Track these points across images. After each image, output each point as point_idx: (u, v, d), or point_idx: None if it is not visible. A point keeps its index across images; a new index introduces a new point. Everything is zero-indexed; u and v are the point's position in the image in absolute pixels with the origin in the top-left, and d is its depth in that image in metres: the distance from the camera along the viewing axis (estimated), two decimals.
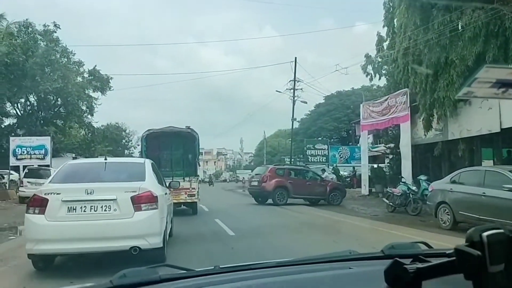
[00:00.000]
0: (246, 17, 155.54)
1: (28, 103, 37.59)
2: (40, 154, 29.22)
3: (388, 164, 23.13)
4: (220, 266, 1.52)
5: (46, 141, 29.61)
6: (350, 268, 1.48)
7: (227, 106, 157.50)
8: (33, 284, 5.91)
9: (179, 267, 1.53)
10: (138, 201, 6.06)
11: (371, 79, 22.32)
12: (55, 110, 38.86)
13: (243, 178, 60.14)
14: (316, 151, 31.31)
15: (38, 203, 5.94)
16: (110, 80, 40.18)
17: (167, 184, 8.81)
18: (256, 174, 20.88)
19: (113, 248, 5.94)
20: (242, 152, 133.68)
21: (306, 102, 30.84)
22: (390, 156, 22.83)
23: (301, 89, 29.42)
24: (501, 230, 0.81)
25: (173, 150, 14.44)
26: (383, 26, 20.44)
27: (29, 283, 5.92)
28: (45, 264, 6.28)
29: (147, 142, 14.12)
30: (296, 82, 29.25)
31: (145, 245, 5.95)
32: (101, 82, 39.73)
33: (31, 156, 28.80)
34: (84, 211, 5.95)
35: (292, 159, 47.56)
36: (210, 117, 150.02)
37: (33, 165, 25.89)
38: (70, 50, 37.52)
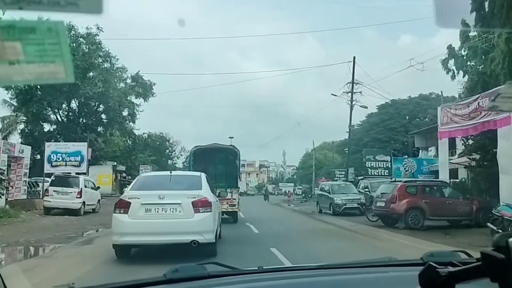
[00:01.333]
0: (286, 29, 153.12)
1: (69, 108, 35.91)
2: (76, 161, 27.09)
3: (474, 179, 18.83)
4: (264, 267, 1.64)
5: (82, 147, 27.44)
6: (387, 272, 1.59)
7: (270, 118, 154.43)
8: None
9: (226, 265, 1.64)
10: (197, 205, 7.49)
11: (453, 77, 18.30)
12: (96, 116, 36.98)
13: (288, 191, 56.44)
14: (377, 163, 27.24)
15: (123, 205, 7.46)
16: (153, 86, 38.04)
17: (217, 194, 10.09)
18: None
19: (178, 241, 7.35)
20: (285, 165, 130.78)
21: (366, 107, 27.12)
22: (477, 170, 18.52)
23: (360, 92, 25.70)
24: None
25: (217, 164, 15.34)
26: (471, 12, 16.46)
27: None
28: (124, 253, 7.65)
29: (194, 157, 15.80)
30: (354, 84, 25.46)
31: (202, 239, 7.33)
32: (144, 88, 37.61)
33: (66, 163, 26.70)
34: (157, 212, 7.46)
35: (342, 171, 44.15)
36: (252, 128, 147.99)
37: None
38: (113, 55, 35.68)
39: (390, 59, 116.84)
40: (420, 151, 38.43)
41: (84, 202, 18.71)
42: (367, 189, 22.10)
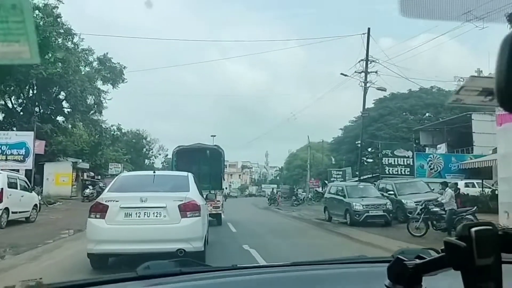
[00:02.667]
0: (271, 32, 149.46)
1: (22, 94, 29.84)
2: (19, 155, 21.37)
3: None
4: (238, 265, 1.62)
5: (28, 138, 21.70)
6: (358, 268, 1.62)
7: (252, 118, 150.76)
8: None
9: (199, 262, 1.74)
10: (184, 209, 6.66)
11: None
12: (56, 104, 30.97)
13: (278, 192, 50.97)
14: (396, 159, 22.07)
15: (99, 209, 6.57)
16: (124, 70, 32.30)
17: (205, 196, 9.06)
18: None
19: (162, 249, 6.15)
20: (268, 166, 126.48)
21: (384, 89, 22.02)
22: None
23: (376, 72, 20.60)
24: (490, 227, 0.82)
25: (201, 165, 14.67)
26: None
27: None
28: (100, 263, 6.75)
29: (177, 157, 15.31)
30: (368, 62, 20.32)
31: (189, 248, 6.41)
32: (112, 73, 31.85)
33: (6, 157, 20.97)
34: (139, 216, 6.59)
35: (339, 172, 39.18)
36: (234, 129, 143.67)
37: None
38: (77, 33, 29.78)
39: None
40: (427, 149, 33.81)
41: (7, 209, 12.95)
42: (391, 192, 16.90)
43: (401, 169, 21.87)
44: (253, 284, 1.37)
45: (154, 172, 8.25)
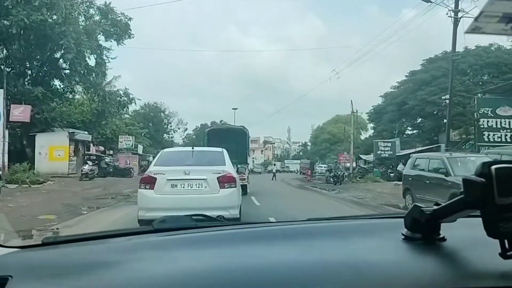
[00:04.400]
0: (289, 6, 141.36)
1: (8, 52, 24.33)
2: None
3: None
4: (249, 221, 1.78)
5: None
6: (372, 220, 1.63)
7: (272, 94, 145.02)
8: None
9: (212, 217, 1.68)
10: (223, 181, 7.30)
11: None
12: (50, 66, 25.39)
13: (307, 170, 44.99)
14: (499, 121, 15.67)
15: (149, 181, 7.29)
16: (130, 23, 26.41)
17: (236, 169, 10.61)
18: None
19: None
20: (290, 141, 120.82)
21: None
22: None
23: None
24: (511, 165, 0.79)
25: (228, 142, 14.50)
26: None
27: None
28: None
29: (208, 136, 17.53)
30: None
31: (227, 215, 6.89)
32: (116, 26, 25.98)
33: None
34: (183, 187, 7.33)
35: (387, 143, 32.48)
36: (254, 104, 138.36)
37: None
38: None
39: None
40: None
41: None
42: None
43: (505, 135, 15.46)
44: (263, 235, 1.35)
45: (193, 148, 8.57)
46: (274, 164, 50.20)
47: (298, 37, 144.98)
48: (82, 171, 22.30)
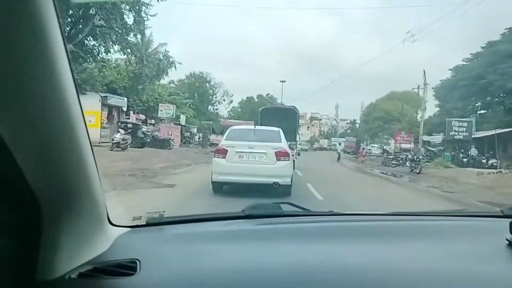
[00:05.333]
0: None
1: None
2: None
3: None
4: (334, 211, 1.64)
5: None
6: (463, 221, 1.52)
7: (320, 69, 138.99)
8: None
9: (299, 206, 1.62)
10: (279, 155, 8.78)
11: None
12: (84, 21, 22.69)
13: (363, 148, 40.76)
14: None
15: (222, 152, 8.87)
16: None
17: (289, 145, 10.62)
18: None
19: (263, 181, 8.65)
20: (338, 118, 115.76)
21: None
22: None
23: None
24: None
25: (280, 121, 15.50)
26: None
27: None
28: (219, 189, 9.08)
29: (262, 114, 18.42)
30: None
31: (282, 182, 8.65)
32: None
33: None
34: (248, 158, 8.81)
35: (462, 123, 27.23)
36: (302, 79, 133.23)
37: None
38: None
39: None
40: None
41: None
42: None
43: None
44: (354, 231, 1.33)
45: (255, 127, 10.44)
46: (340, 144, 44.52)
47: (350, 11, 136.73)
48: (113, 140, 19.77)
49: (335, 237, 1.25)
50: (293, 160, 16.12)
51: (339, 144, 42.58)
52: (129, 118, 27.70)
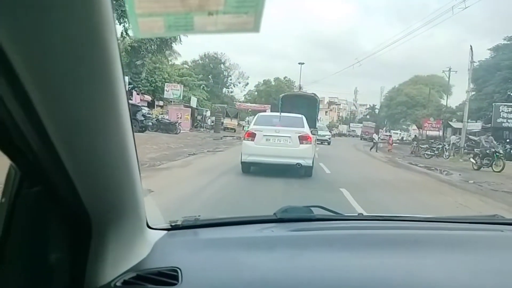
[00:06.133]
0: None
1: None
2: None
3: None
4: (364, 214, 1.69)
5: None
6: (501, 231, 1.43)
7: (338, 54, 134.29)
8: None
9: (330, 209, 1.56)
10: (302, 139, 9.45)
11: None
12: None
13: (389, 136, 36.72)
14: None
15: (251, 135, 9.60)
16: None
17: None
18: None
19: (288, 162, 9.34)
20: (357, 103, 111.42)
21: None
22: None
23: None
24: None
25: (300, 108, 15.69)
26: None
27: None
28: (247, 169, 9.74)
29: (282, 101, 18.14)
30: None
31: (304, 163, 9.38)
32: None
33: None
34: (274, 141, 9.47)
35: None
36: (321, 64, 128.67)
37: None
38: None
39: None
40: None
41: None
42: None
43: None
44: (388, 239, 1.30)
45: (280, 114, 11.08)
46: (377, 133, 38.09)
47: None
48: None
49: (369, 246, 1.23)
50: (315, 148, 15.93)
51: (377, 133, 35.53)
52: (131, 99, 24.58)
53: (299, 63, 53.73)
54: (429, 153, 24.03)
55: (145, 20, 0.58)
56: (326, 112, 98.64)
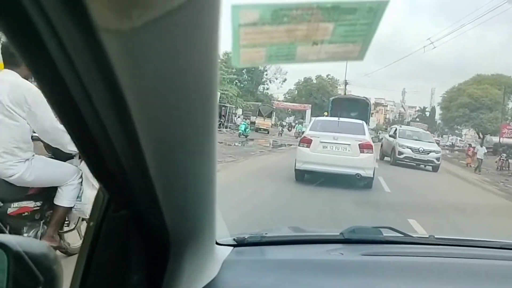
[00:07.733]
0: None
1: None
2: None
3: None
4: (436, 237, 1.52)
5: None
6: None
7: (385, 52, 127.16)
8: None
9: (399, 231, 1.50)
10: (362, 147, 8.71)
11: None
12: None
13: (473, 147, 27.64)
14: None
15: (307, 141, 8.96)
16: None
17: None
18: None
19: (346, 172, 8.57)
20: (405, 105, 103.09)
21: None
22: None
23: None
24: None
25: (350, 111, 15.51)
26: None
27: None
28: (300, 177, 9.12)
29: (333, 104, 18.34)
30: None
31: (364, 174, 8.58)
32: None
33: None
34: (332, 149, 8.80)
35: None
36: (365, 63, 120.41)
37: None
38: None
39: None
40: None
41: None
42: None
43: None
44: (464, 269, 1.21)
45: (338, 119, 9.74)
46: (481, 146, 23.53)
47: None
48: None
49: (448, 276, 1.17)
50: None
51: (481, 146, 24.84)
52: None
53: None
54: None
55: (247, 50, 0.55)
56: (372, 113, 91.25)
